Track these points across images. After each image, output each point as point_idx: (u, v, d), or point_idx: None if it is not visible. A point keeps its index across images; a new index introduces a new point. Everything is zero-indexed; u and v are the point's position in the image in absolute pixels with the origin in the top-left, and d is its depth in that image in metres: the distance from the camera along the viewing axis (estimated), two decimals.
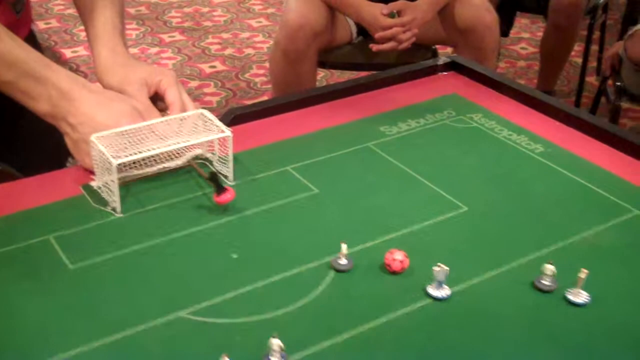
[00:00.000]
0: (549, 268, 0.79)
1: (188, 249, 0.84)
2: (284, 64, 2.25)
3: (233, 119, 1.07)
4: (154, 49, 3.54)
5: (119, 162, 0.87)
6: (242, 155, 1.01)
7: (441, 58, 1.31)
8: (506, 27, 3.02)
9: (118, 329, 0.73)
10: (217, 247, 0.85)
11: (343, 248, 0.81)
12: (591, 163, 1.02)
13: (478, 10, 2.18)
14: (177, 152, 0.96)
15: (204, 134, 0.95)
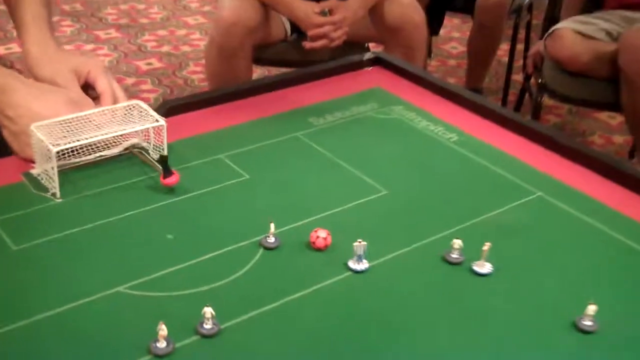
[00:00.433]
0: (457, 242, 0.87)
1: (125, 231, 0.90)
2: (219, 60, 2.29)
3: (168, 110, 1.12)
4: (90, 46, 3.54)
5: (58, 149, 0.92)
6: (177, 145, 1.06)
7: (366, 54, 1.39)
8: (436, 26, 3.13)
9: (60, 303, 0.78)
10: (153, 229, 0.91)
11: (271, 227, 0.88)
12: (499, 150, 1.11)
13: (406, 9, 2.27)
14: (113, 140, 1.01)
15: (139, 124, 1.01)
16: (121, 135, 1.00)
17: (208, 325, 0.75)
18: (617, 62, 2.21)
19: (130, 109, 1.02)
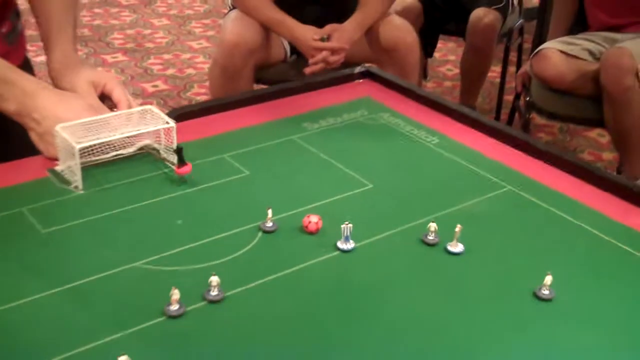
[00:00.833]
0: (432, 226, 0.99)
1: (140, 217, 1.02)
2: (222, 80, 2.42)
3: (177, 116, 1.24)
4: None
5: (81, 146, 1.05)
6: (185, 145, 1.17)
7: (357, 67, 1.51)
8: (430, 48, 3.27)
9: (83, 276, 0.89)
10: (165, 216, 1.03)
11: (269, 213, 1.00)
12: (475, 150, 1.23)
13: (399, 31, 2.40)
14: (128, 141, 1.13)
15: (151, 125, 1.13)
16: (135, 136, 1.12)
17: (214, 292, 0.86)
18: (599, 81, 2.34)
19: (143, 113, 1.15)
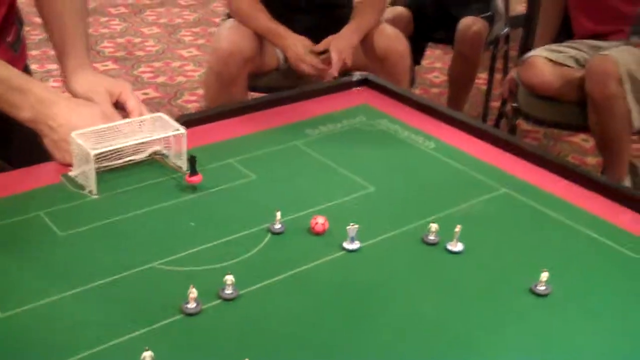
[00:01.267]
0: (433, 226, 1.04)
1: (154, 220, 1.06)
2: (217, 88, 2.46)
3: (184, 122, 1.29)
4: None
5: (96, 152, 1.09)
6: (193, 151, 1.22)
7: (354, 75, 1.57)
8: (418, 56, 3.33)
9: (102, 276, 0.94)
10: (178, 219, 1.07)
11: (277, 215, 1.05)
12: (471, 155, 1.29)
13: (392, 40, 2.46)
14: (140, 147, 1.18)
15: (162, 132, 1.18)
16: (147, 142, 1.17)
17: (229, 291, 0.91)
18: (584, 87, 2.41)
19: (154, 120, 1.19)
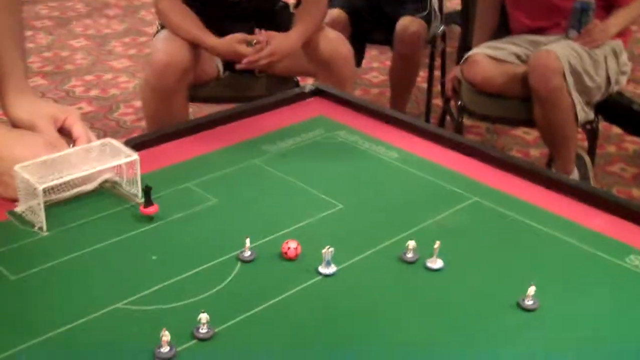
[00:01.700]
0: (411, 244, 1.00)
1: (113, 255, 0.99)
2: (154, 101, 2.36)
3: (133, 146, 1.21)
4: None
5: (44, 186, 1.01)
6: (145, 177, 1.14)
7: (306, 86, 1.51)
8: (358, 58, 3.30)
9: (63, 323, 0.86)
10: (138, 252, 1.00)
11: (247, 242, 0.98)
12: (436, 164, 1.25)
13: (335, 43, 2.42)
14: (90, 176, 1.10)
15: (112, 159, 1.10)
16: (97, 171, 1.09)
17: (204, 330, 0.84)
18: (528, 82, 2.42)
19: (103, 146, 1.11)
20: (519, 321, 0.90)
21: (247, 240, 0.98)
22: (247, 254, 0.99)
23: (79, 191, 1.09)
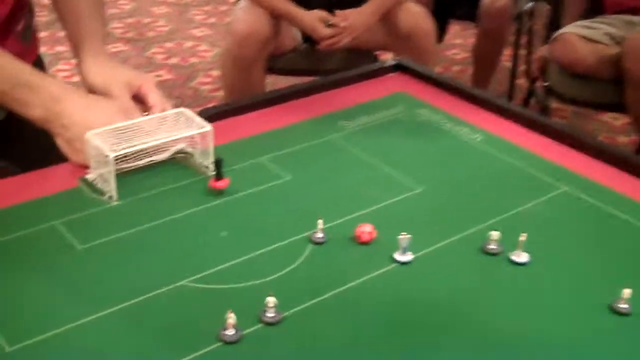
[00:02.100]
0: (494, 234, 0.93)
1: (182, 229, 0.96)
2: (234, 71, 2.37)
3: (207, 117, 1.18)
4: None
5: (115, 154, 0.98)
6: (218, 149, 1.11)
7: (387, 60, 1.45)
8: (440, 33, 3.20)
9: (128, 297, 0.83)
10: (208, 227, 0.96)
11: (319, 223, 0.94)
12: (523, 148, 1.17)
13: (417, 17, 2.34)
14: (163, 146, 1.07)
15: (186, 130, 1.07)
16: (170, 141, 1.06)
17: (271, 314, 0.80)
18: (621, 64, 2.28)
19: (177, 116, 1.08)
20: (611, 325, 0.82)
21: (320, 222, 0.94)
22: (319, 235, 0.94)
23: (151, 160, 1.07)
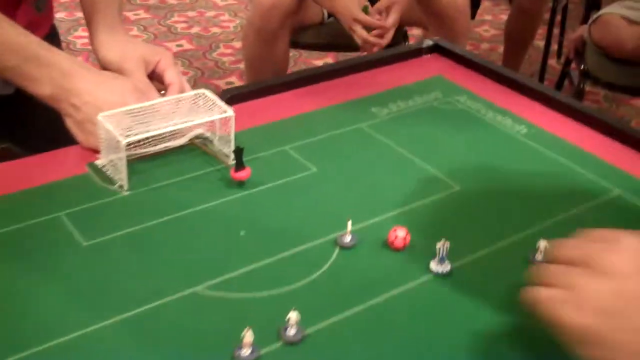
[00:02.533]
0: (542, 244, 0.83)
1: (197, 225, 0.87)
2: (257, 44, 2.27)
3: (228, 99, 1.09)
4: None
5: (128, 140, 0.89)
6: (240, 135, 1.02)
7: (425, 41, 1.34)
8: (473, 10, 3.07)
9: (135, 305, 0.75)
10: (225, 224, 0.88)
11: (348, 225, 0.85)
12: (572, 144, 1.07)
13: None
14: (179, 131, 0.98)
15: (205, 114, 0.98)
16: (188, 126, 0.97)
17: (292, 331, 0.72)
18: None
19: (196, 98, 0.99)
20: None
21: (349, 223, 0.85)
22: (348, 238, 0.85)
23: (166, 146, 0.98)
